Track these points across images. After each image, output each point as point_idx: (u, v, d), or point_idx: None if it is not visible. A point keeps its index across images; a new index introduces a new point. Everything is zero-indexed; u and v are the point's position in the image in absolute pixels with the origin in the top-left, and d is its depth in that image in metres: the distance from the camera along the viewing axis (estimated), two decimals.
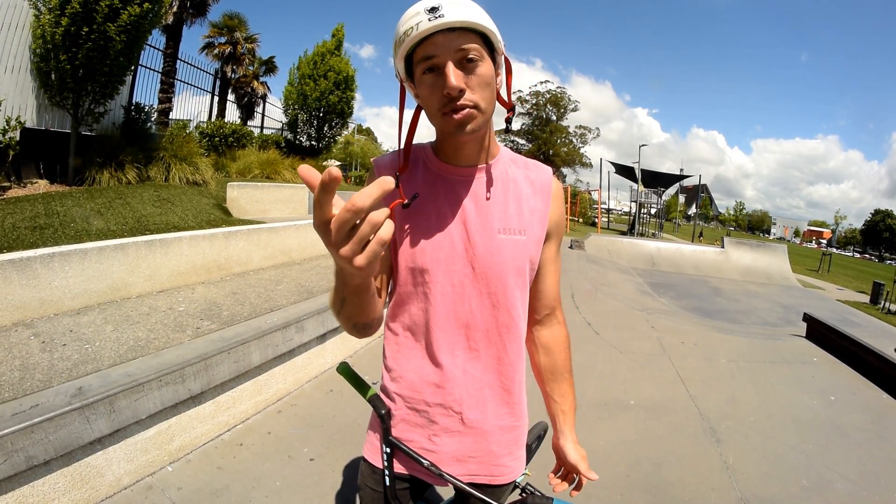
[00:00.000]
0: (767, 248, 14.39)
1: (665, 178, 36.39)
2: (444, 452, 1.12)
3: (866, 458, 3.24)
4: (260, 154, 11.00)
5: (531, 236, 1.10)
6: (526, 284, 1.13)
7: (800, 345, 5.75)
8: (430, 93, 0.95)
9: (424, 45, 0.91)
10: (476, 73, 0.93)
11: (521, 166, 1.16)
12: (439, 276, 1.07)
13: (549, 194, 1.14)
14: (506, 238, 1.07)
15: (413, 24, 0.89)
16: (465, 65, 0.92)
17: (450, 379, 1.09)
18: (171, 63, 13.78)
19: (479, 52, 0.93)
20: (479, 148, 1.08)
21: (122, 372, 2.36)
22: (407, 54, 0.95)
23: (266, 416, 3.13)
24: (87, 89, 5.96)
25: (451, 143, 1.07)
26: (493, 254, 1.07)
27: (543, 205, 1.13)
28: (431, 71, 0.93)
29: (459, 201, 1.08)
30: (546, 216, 1.13)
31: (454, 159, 1.09)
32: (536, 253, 1.12)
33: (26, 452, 1.87)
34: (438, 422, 1.12)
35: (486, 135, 1.07)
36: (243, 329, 3.10)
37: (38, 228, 4.30)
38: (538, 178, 1.15)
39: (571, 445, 1.24)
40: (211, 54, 19.49)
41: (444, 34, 0.90)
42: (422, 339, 1.12)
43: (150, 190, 6.27)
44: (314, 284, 4.50)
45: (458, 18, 0.88)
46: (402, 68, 0.99)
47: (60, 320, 3.01)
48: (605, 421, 3.38)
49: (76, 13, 5.34)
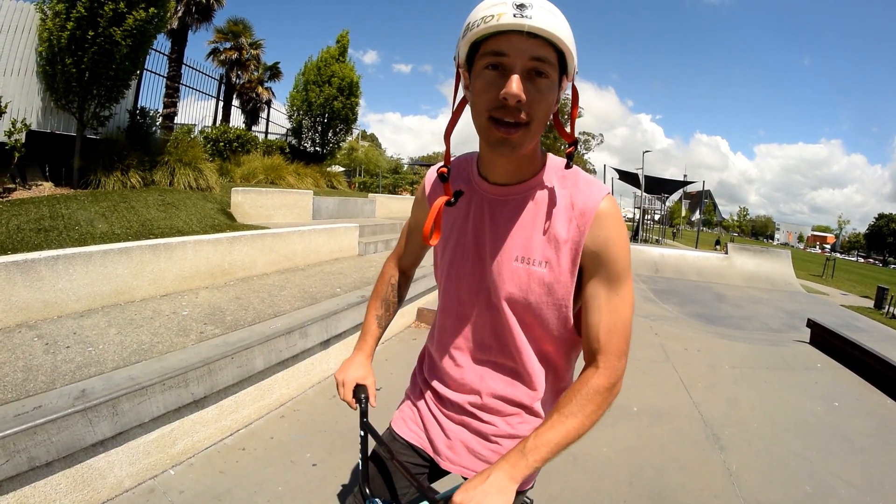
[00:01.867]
0: (771, 253, 14.34)
1: (669, 185, 36.34)
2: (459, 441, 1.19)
3: (870, 463, 3.22)
4: (264, 159, 11.02)
5: (554, 270, 1.00)
6: (544, 317, 1.04)
7: (804, 350, 5.73)
8: (484, 89, 0.88)
9: (498, 39, 0.84)
10: (540, 89, 0.86)
11: (569, 185, 1.01)
12: (458, 295, 1.13)
13: (588, 221, 0.97)
14: (522, 267, 1.01)
15: (494, 13, 0.82)
16: (532, 76, 0.85)
17: (467, 382, 1.16)
18: (176, 68, 13.84)
19: (551, 68, 0.86)
20: (516, 166, 1.01)
21: (126, 375, 2.36)
22: (475, 40, 0.88)
23: (269, 421, 3.13)
24: (92, 93, 6.00)
25: (487, 155, 1.03)
26: (506, 282, 1.03)
27: (577, 234, 0.98)
28: (495, 68, 0.86)
29: (484, 222, 1.06)
30: (579, 247, 0.98)
31: (490, 175, 1.06)
32: (564, 285, 1.01)
33: (28, 453, 1.87)
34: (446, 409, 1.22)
35: (527, 153, 0.97)
36: (247, 334, 3.11)
37: (43, 231, 4.32)
38: (582, 202, 0.98)
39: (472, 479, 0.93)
40: (216, 60, 19.58)
41: (523, 37, 0.82)
42: (444, 345, 1.20)
43: (154, 194, 6.29)
44: (318, 290, 4.51)
45: (545, 27, 0.81)
46: (464, 52, 0.91)
47: (64, 322, 3.01)
48: (608, 428, 3.36)
49: (81, 17, 5.38)
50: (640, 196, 31.66)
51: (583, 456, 2.95)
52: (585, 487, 2.68)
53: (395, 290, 1.42)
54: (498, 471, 0.92)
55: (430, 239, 1.05)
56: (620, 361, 1.00)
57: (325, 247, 6.12)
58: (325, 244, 6.09)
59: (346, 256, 6.61)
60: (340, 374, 1.28)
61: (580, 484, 2.71)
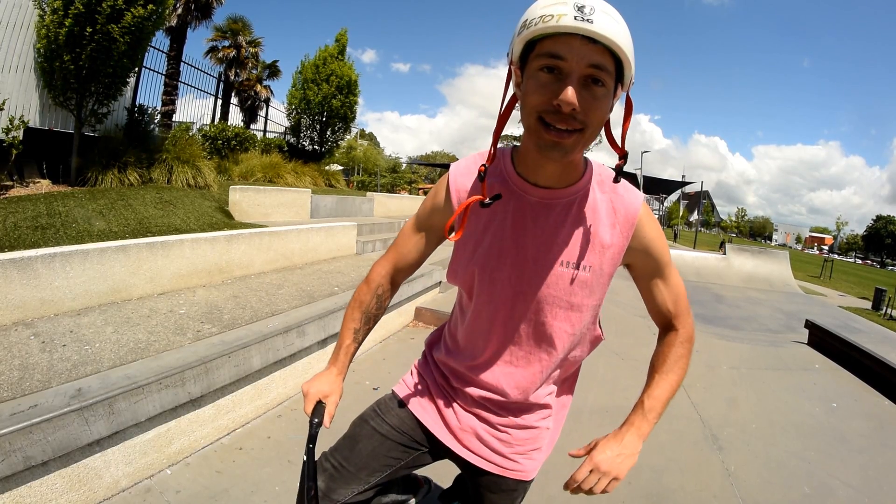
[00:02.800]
0: (769, 254, 14.35)
1: (667, 185, 36.40)
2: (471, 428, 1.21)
3: (869, 464, 3.22)
4: (263, 158, 11.01)
5: (596, 273, 1.05)
6: (582, 316, 1.09)
7: (802, 351, 5.74)
8: (537, 90, 0.85)
9: (556, 40, 0.81)
10: (596, 96, 0.84)
11: (608, 190, 1.05)
12: (494, 295, 1.10)
13: (631, 227, 1.04)
14: (566, 271, 1.03)
15: (554, 13, 0.78)
16: (588, 83, 0.83)
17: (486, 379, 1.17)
18: (174, 65, 13.81)
19: (608, 76, 0.84)
20: (563, 170, 1.01)
21: (122, 374, 2.35)
22: (532, 40, 0.85)
23: (266, 420, 3.12)
24: (90, 90, 5.98)
25: (533, 158, 1.01)
26: (550, 286, 1.04)
27: (622, 239, 1.04)
28: (550, 71, 0.83)
29: (527, 225, 1.04)
30: (622, 251, 1.05)
31: (533, 177, 1.03)
32: (603, 287, 1.08)
33: (24, 453, 1.85)
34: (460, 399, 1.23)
35: (575, 158, 0.98)
36: (244, 333, 3.09)
37: (40, 228, 4.30)
38: (623, 207, 1.04)
39: (605, 442, 1.14)
40: (214, 58, 19.55)
41: (584, 41, 0.80)
42: (471, 340, 1.18)
43: (152, 192, 6.27)
44: (316, 289, 4.49)
45: (607, 33, 0.78)
46: (519, 50, 0.88)
47: (61, 321, 3.00)
48: (607, 428, 3.32)
49: (80, 13, 5.35)
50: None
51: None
52: None
53: (380, 301, 1.31)
54: (629, 434, 1.13)
55: (453, 236, 1.05)
56: (690, 317, 1.18)
57: (323, 245, 6.10)
58: (322, 243, 6.08)
59: (344, 255, 6.60)
60: (307, 385, 1.24)
61: None
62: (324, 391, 1.23)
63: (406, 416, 1.25)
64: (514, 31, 0.88)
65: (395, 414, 1.26)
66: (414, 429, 1.25)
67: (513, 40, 0.89)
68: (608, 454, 1.10)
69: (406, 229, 1.28)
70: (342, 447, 1.24)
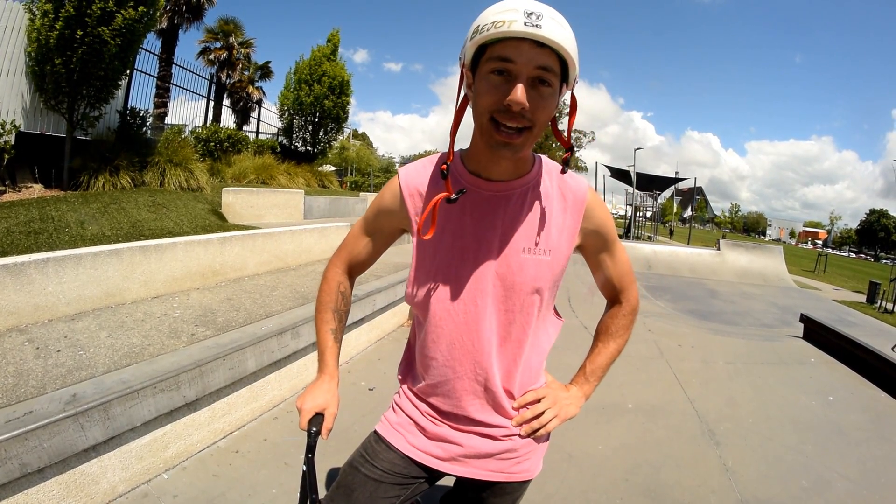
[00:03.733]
0: (763, 249, 14.41)
1: (660, 182, 36.46)
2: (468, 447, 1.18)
3: (866, 457, 3.24)
4: (255, 159, 11.01)
5: (556, 256, 1.10)
6: (546, 300, 1.14)
7: (797, 345, 5.77)
8: (489, 91, 0.90)
9: (506, 44, 0.87)
10: (543, 95, 0.90)
11: (556, 179, 1.12)
12: (462, 291, 1.11)
13: (581, 210, 1.12)
14: (530, 258, 1.08)
15: (505, 19, 0.84)
16: (535, 84, 0.89)
17: (462, 381, 1.15)
18: (166, 67, 13.76)
19: (554, 77, 0.90)
20: (513, 164, 1.06)
21: (117, 378, 2.33)
22: (483, 44, 0.90)
23: (262, 422, 3.11)
24: (82, 93, 5.96)
25: (486, 155, 1.05)
26: (517, 273, 1.08)
27: (573, 221, 1.12)
28: (500, 73, 0.89)
29: (487, 218, 1.08)
30: (576, 232, 1.13)
31: (486, 173, 1.08)
32: (563, 268, 1.14)
33: (20, 459, 1.84)
34: (449, 421, 1.19)
35: (524, 154, 1.04)
36: (238, 335, 3.08)
37: (33, 233, 4.28)
38: (571, 193, 1.12)
39: (556, 388, 1.25)
40: (206, 59, 19.46)
41: (532, 45, 0.86)
42: (444, 343, 1.15)
43: (145, 195, 6.25)
44: (310, 290, 4.48)
45: (553, 37, 0.84)
46: (471, 54, 0.93)
47: (55, 326, 2.98)
48: (603, 425, 3.36)
49: (70, 16, 5.32)
50: (631, 193, 31.72)
51: (578, 454, 2.94)
52: (582, 486, 2.68)
53: (345, 298, 1.33)
54: (574, 389, 1.26)
55: (427, 234, 1.07)
56: (635, 290, 1.29)
57: (317, 246, 6.09)
58: (316, 244, 6.06)
59: None
60: (300, 400, 1.21)
61: (576, 482, 2.70)
62: (319, 405, 1.21)
63: (395, 457, 1.20)
64: (467, 36, 0.93)
65: (384, 457, 1.20)
66: (407, 465, 1.20)
67: (465, 45, 0.94)
68: (561, 395, 1.23)
69: (355, 231, 1.30)
70: (338, 498, 1.20)
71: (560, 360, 1.96)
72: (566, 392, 1.24)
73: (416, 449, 1.20)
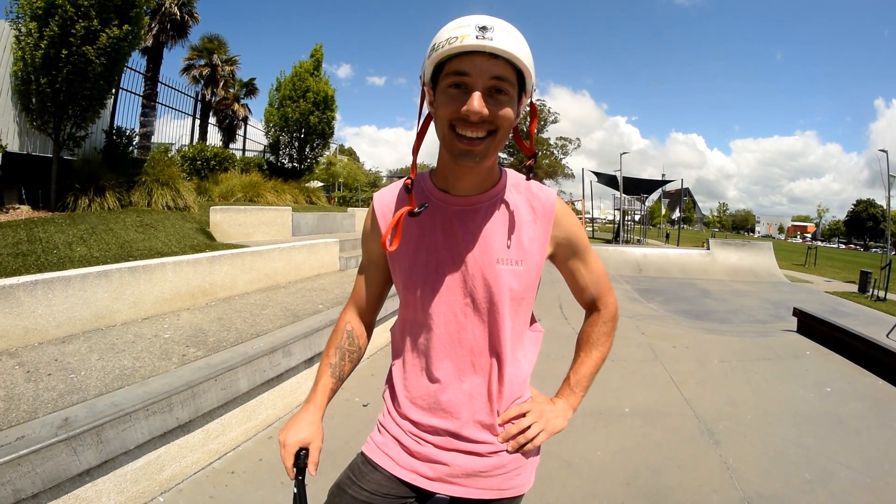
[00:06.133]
0: (753, 246, 14.53)
1: (647, 185, 36.72)
2: (455, 465, 1.15)
3: (867, 445, 3.25)
4: (242, 177, 10.96)
5: (528, 266, 1.11)
6: (521, 311, 1.15)
7: (791, 339, 5.80)
8: (447, 103, 0.94)
9: (461, 59, 0.90)
10: (500, 103, 0.93)
11: (523, 191, 1.14)
12: (441, 306, 1.12)
13: (550, 219, 1.13)
14: (504, 269, 1.08)
15: (458, 35, 0.88)
16: (493, 94, 0.92)
17: (451, 399, 1.15)
18: (151, 86, 13.72)
19: (510, 86, 0.93)
20: (479, 178, 1.08)
21: (109, 401, 2.30)
22: (440, 61, 0.93)
23: (256, 442, 3.07)
24: (67, 112, 5.91)
25: (451, 170, 1.08)
26: (492, 284, 1.08)
27: (544, 230, 1.13)
28: (458, 87, 0.92)
29: (458, 233, 1.09)
30: (546, 241, 1.13)
31: (454, 188, 1.10)
32: (536, 277, 1.14)
33: (14, 485, 1.80)
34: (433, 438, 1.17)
35: (489, 165, 1.06)
36: (230, 355, 3.05)
37: (21, 255, 4.23)
38: (539, 204, 1.13)
39: (541, 402, 1.22)
40: (191, 77, 19.40)
41: (485, 57, 0.89)
42: (424, 361, 1.17)
43: (132, 215, 6.20)
44: (300, 308, 4.45)
45: (505, 48, 0.87)
46: (430, 72, 0.97)
47: (45, 349, 2.94)
48: (600, 431, 3.35)
49: (55, 35, 5.30)
50: (619, 197, 31.88)
51: (577, 461, 2.93)
52: (582, 493, 2.66)
53: (351, 337, 1.29)
54: (560, 401, 1.23)
55: (391, 246, 1.07)
56: (612, 297, 1.29)
57: (306, 263, 6.07)
58: (305, 261, 6.04)
59: (327, 272, 6.56)
60: (283, 433, 1.16)
61: (576, 490, 2.68)
62: (302, 439, 1.15)
63: (382, 478, 1.18)
64: (425, 55, 0.96)
65: (371, 478, 1.18)
66: (395, 486, 1.18)
67: (424, 63, 0.97)
68: (547, 408, 1.19)
69: (358, 273, 1.33)
70: None
71: (554, 369, 1.95)
72: (552, 405, 1.21)
73: (402, 468, 1.18)
